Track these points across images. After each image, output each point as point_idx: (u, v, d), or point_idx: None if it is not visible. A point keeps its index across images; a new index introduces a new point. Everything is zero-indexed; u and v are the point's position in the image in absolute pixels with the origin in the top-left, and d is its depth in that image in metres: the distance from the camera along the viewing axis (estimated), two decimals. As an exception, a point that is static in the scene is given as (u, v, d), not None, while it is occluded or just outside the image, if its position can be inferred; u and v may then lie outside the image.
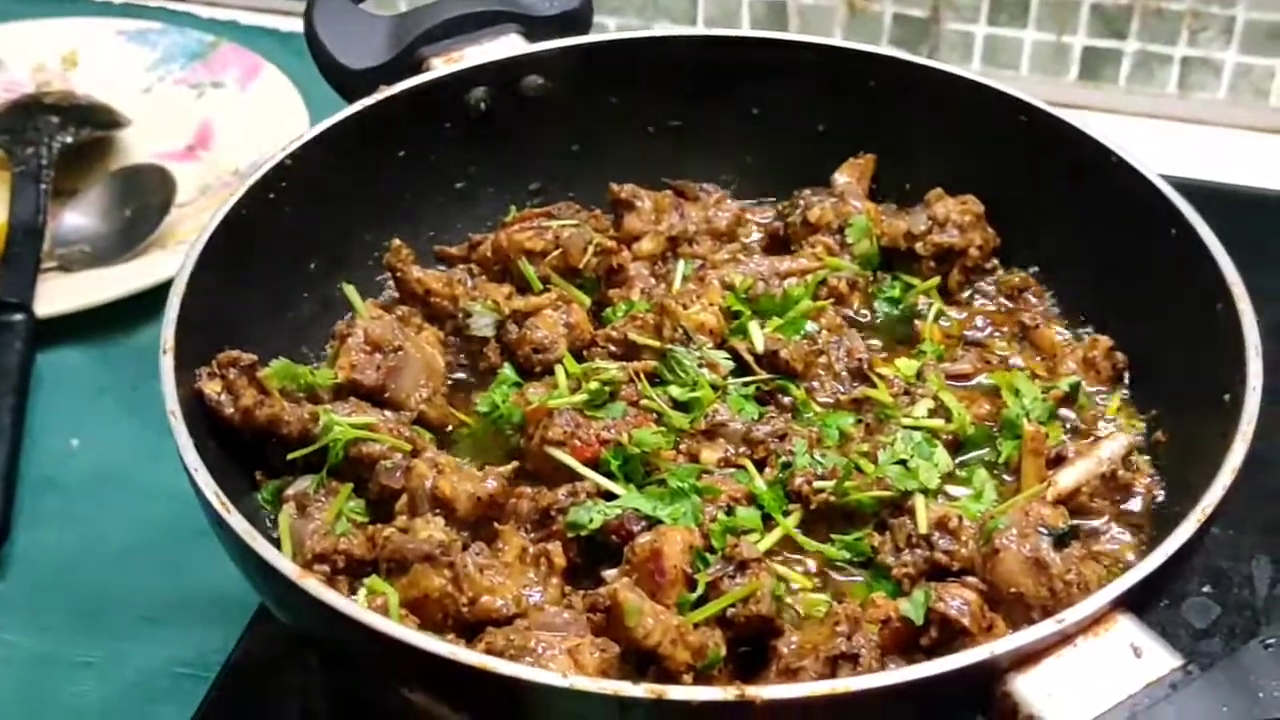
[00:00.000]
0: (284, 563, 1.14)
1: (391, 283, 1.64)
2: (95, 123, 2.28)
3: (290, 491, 1.39)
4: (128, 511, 1.74)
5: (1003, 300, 1.67)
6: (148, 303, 1.97)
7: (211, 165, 2.27)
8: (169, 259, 2.03)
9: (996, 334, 1.63)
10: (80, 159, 2.25)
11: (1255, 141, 2.43)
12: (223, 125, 2.35)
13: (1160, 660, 1.07)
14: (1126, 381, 1.54)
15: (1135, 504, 1.41)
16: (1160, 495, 1.41)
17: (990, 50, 2.46)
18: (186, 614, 1.62)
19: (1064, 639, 1.08)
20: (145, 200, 2.15)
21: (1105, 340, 1.55)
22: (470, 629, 1.24)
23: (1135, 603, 1.11)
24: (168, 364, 1.31)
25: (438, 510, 1.31)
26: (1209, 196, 1.49)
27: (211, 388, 1.37)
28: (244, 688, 1.51)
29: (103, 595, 1.65)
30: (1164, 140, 2.41)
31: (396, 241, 1.62)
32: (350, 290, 1.55)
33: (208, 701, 1.49)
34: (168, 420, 1.27)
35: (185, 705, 1.49)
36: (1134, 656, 1.08)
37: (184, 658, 1.57)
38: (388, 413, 1.44)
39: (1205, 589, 1.60)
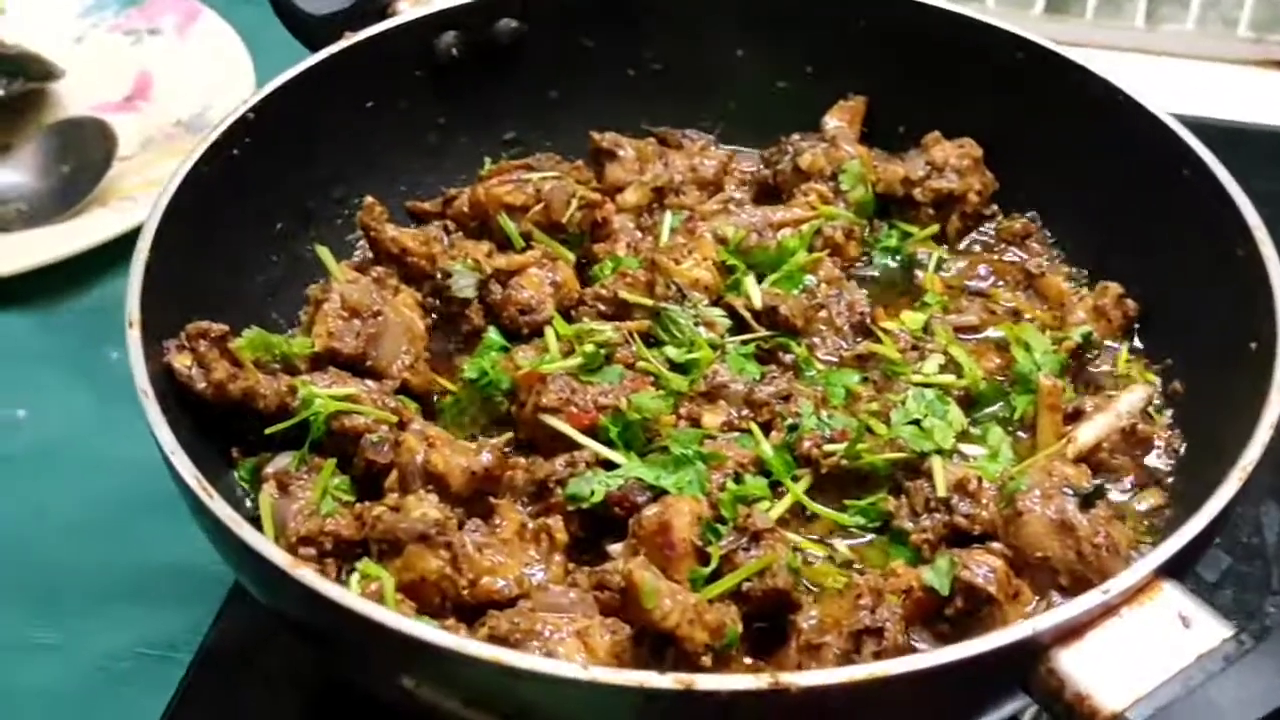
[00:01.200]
0: (273, 551, 1.10)
1: (363, 242, 1.61)
2: (27, 74, 2.20)
3: (270, 469, 1.36)
4: (79, 484, 1.70)
5: (1004, 247, 1.65)
6: (91, 263, 1.93)
7: (152, 116, 2.21)
8: (112, 216, 1.98)
9: (1000, 283, 1.61)
10: (11, 113, 2.18)
11: (1224, 73, 2.42)
12: (162, 74, 2.29)
13: (1211, 630, 1.04)
14: (1137, 331, 1.53)
15: (1155, 459, 1.39)
16: (1182, 449, 1.39)
17: (956, -18, 2.42)
18: (147, 592, 1.58)
19: (1108, 610, 1.06)
20: (84, 155, 2.08)
21: (1115, 287, 1.53)
22: (470, 612, 1.22)
23: (1178, 569, 1.09)
24: (134, 338, 1.26)
25: (430, 486, 1.29)
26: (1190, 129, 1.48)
27: (181, 361, 1.33)
28: (221, 672, 1.48)
29: (58, 573, 1.60)
30: (1132, 73, 2.37)
31: (370, 199, 1.59)
32: (324, 252, 1.52)
33: (182, 687, 1.46)
34: (136, 399, 1.22)
35: (155, 688, 1.46)
36: (1182, 626, 1.05)
37: (149, 638, 1.54)
38: (369, 382, 1.42)
39: (1214, 539, 1.56)
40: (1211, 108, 2.21)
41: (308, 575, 1.07)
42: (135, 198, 2.02)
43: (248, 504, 1.35)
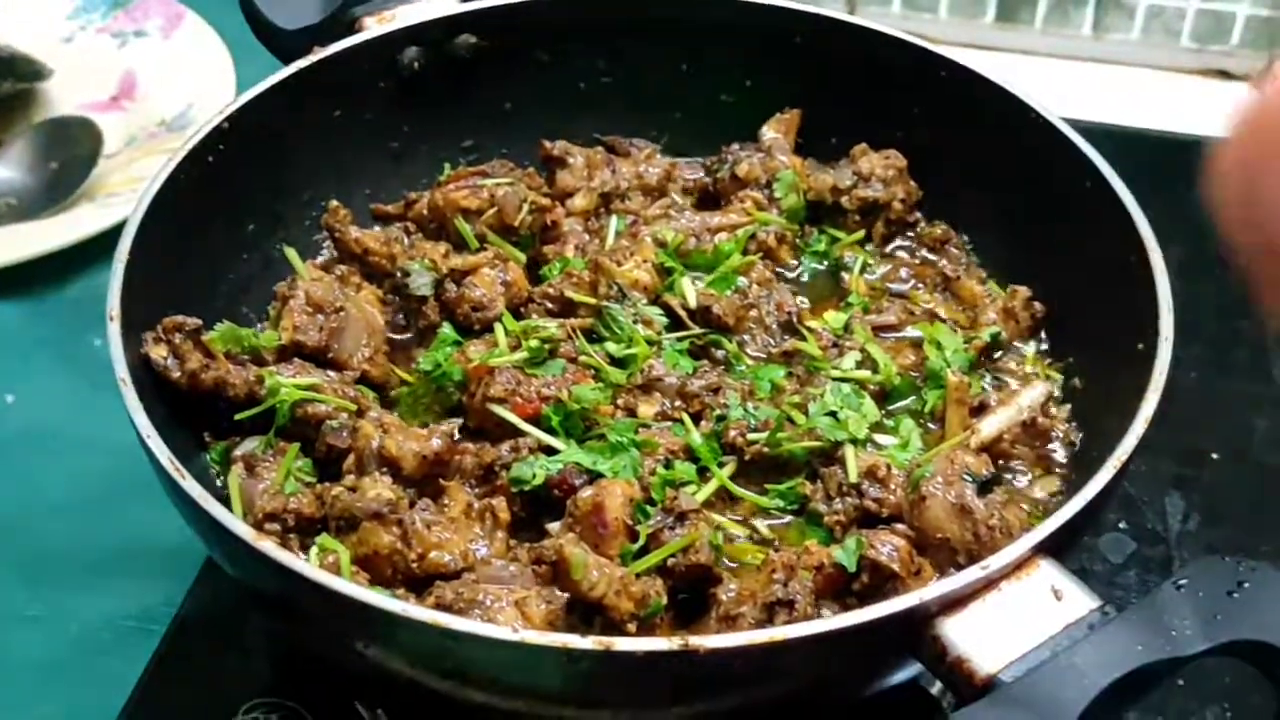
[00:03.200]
0: (239, 525, 1.15)
1: (329, 243, 1.65)
2: (16, 74, 2.24)
3: (238, 452, 1.40)
4: (66, 465, 1.74)
5: (925, 252, 1.71)
6: (77, 256, 1.97)
7: (136, 116, 2.25)
8: (98, 212, 2.03)
9: (919, 285, 1.66)
10: (1, 111, 2.23)
11: (1167, 81, 2.48)
12: (147, 75, 2.33)
13: (1079, 602, 1.11)
14: (1043, 331, 1.59)
15: (1054, 450, 1.46)
16: (1078, 440, 1.46)
17: (909, -8, 2.48)
18: (129, 567, 1.62)
19: (989, 584, 1.12)
20: (72, 152, 2.13)
21: (1024, 290, 1.58)
22: (419, 583, 1.26)
23: (1056, 547, 1.15)
24: (114, 331, 1.31)
25: (384, 469, 1.33)
26: (1122, 140, 1.53)
27: (158, 352, 1.37)
28: (193, 642, 1.52)
29: (43, 550, 1.65)
30: (1079, 81, 2.45)
31: (334, 202, 1.63)
32: (291, 253, 1.56)
33: (157, 656, 1.51)
34: (117, 386, 1.27)
35: (132, 659, 1.50)
36: (1054, 599, 1.11)
37: (129, 611, 1.58)
38: (331, 373, 1.46)
39: (1121, 525, 1.65)
40: (1154, 116, 2.29)
41: (269, 547, 1.12)
42: (119, 194, 2.06)
43: (218, 483, 1.39)
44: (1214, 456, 1.75)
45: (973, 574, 1.12)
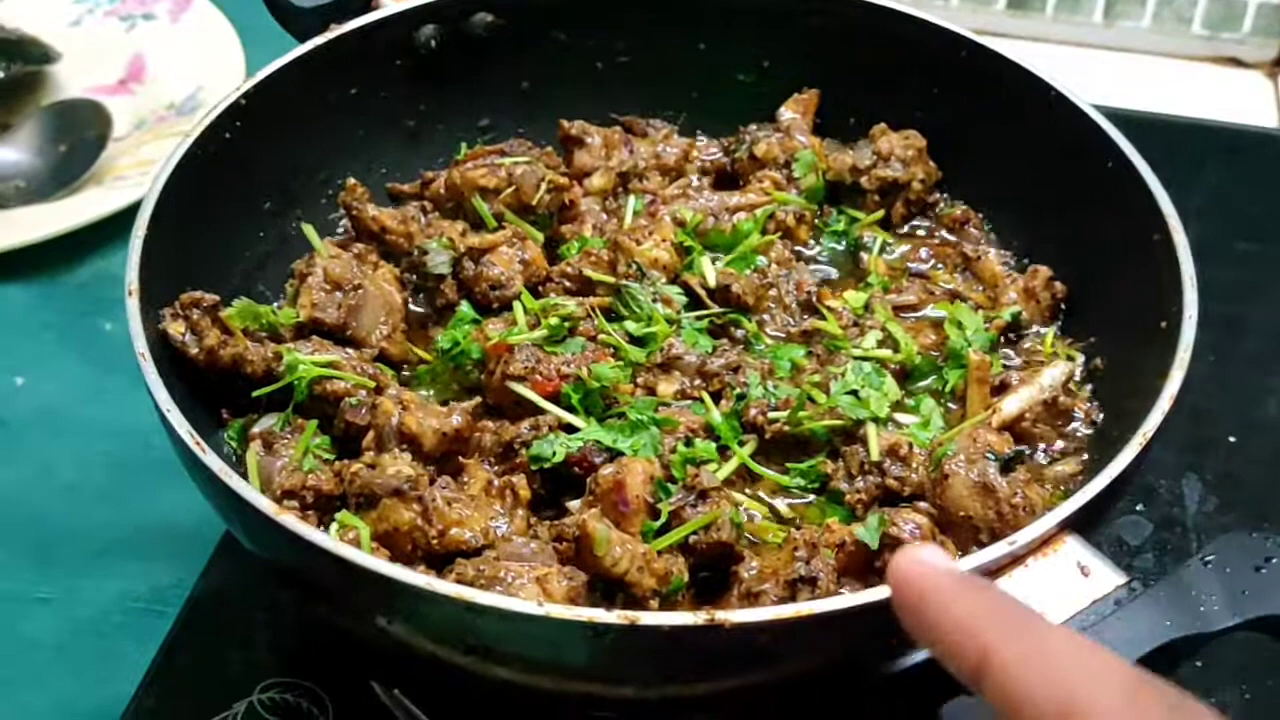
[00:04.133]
0: (261, 500, 1.15)
1: (346, 221, 1.64)
2: (26, 57, 2.25)
3: (256, 429, 1.40)
4: (75, 448, 1.74)
5: (944, 233, 1.70)
6: (86, 238, 1.97)
7: (145, 99, 2.26)
8: (106, 195, 2.03)
9: (939, 265, 1.66)
10: (10, 94, 2.23)
11: (1178, 69, 2.48)
12: (155, 58, 2.33)
13: (1106, 578, 1.11)
14: (1064, 311, 1.58)
15: (1076, 429, 1.45)
16: (1099, 420, 1.45)
17: (921, -19, 2.47)
18: (138, 549, 1.62)
19: (1015, 560, 1.12)
20: (80, 135, 2.13)
21: (1045, 270, 1.58)
22: (440, 560, 1.26)
23: (1081, 524, 1.15)
24: (133, 306, 1.31)
25: (404, 446, 1.33)
26: (1133, 126, 1.52)
27: (176, 328, 1.37)
28: (207, 623, 1.52)
29: (54, 532, 1.65)
30: (1090, 68, 2.45)
31: (351, 180, 1.63)
32: (309, 229, 1.55)
33: (170, 636, 1.50)
34: (137, 361, 1.26)
35: (144, 640, 1.50)
36: (1081, 575, 1.11)
37: (139, 592, 1.58)
38: (349, 350, 1.45)
39: (1138, 507, 1.65)
40: (1164, 102, 2.28)
41: (291, 521, 1.11)
42: (128, 177, 2.06)
43: (235, 461, 1.38)
44: (1230, 440, 1.75)
45: (999, 549, 1.12)
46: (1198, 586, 1.10)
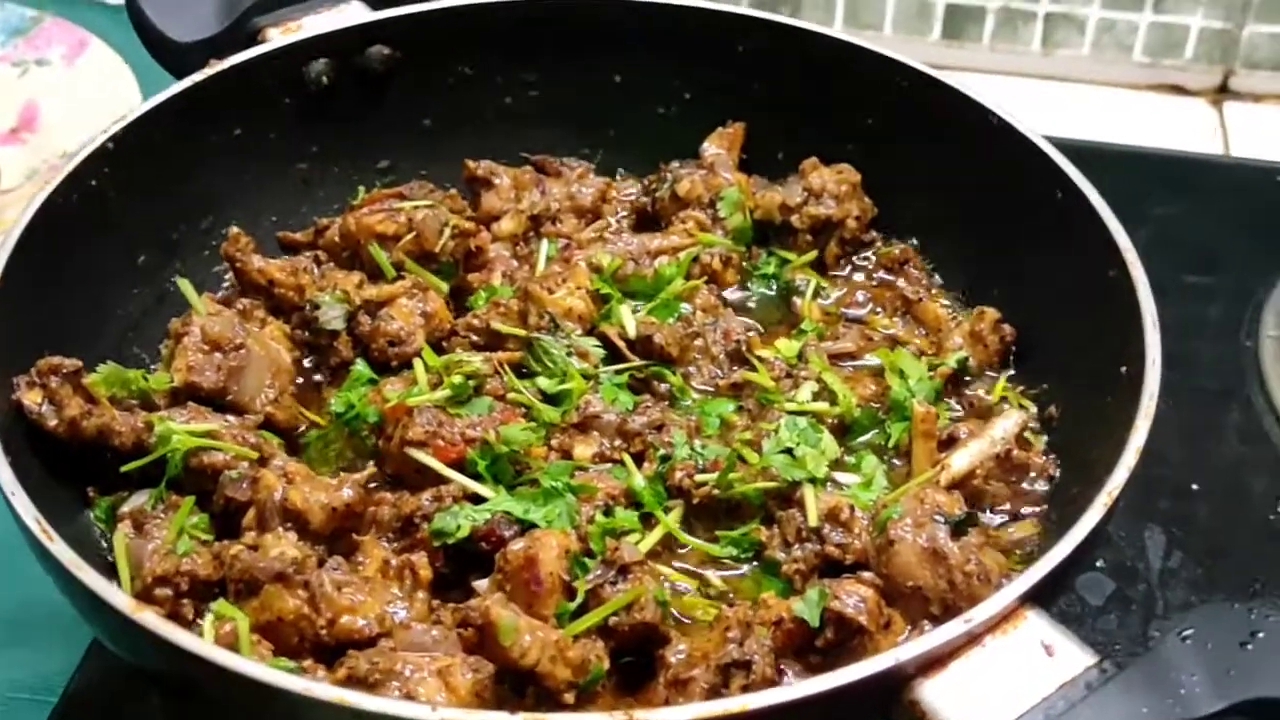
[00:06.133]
0: (116, 595, 1.08)
1: (230, 274, 1.59)
2: (-90, 105, 2.17)
3: (126, 508, 1.34)
4: None
5: (882, 274, 1.66)
6: None
7: (38, 149, 2.19)
8: None
9: (878, 309, 1.62)
10: (-109, 145, 2.15)
11: (1119, 97, 2.45)
12: (49, 105, 2.26)
13: (1074, 658, 1.05)
14: (1014, 356, 1.54)
15: (1031, 484, 1.39)
16: (1057, 474, 1.40)
17: (852, 10, 2.44)
18: (19, 633, 1.55)
19: (971, 639, 1.06)
20: (-36, 188, 2.06)
21: (992, 312, 1.54)
22: (330, 653, 1.20)
23: (1043, 596, 1.09)
24: None
25: (289, 524, 1.27)
26: (1079, 154, 1.49)
27: (32, 398, 1.31)
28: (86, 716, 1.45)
29: None
30: (1030, 98, 2.42)
31: (234, 229, 1.58)
32: (185, 285, 1.49)
33: None
34: None
35: None
36: (1046, 655, 1.06)
37: (20, 681, 1.51)
38: (230, 417, 1.40)
39: (1099, 563, 1.58)
40: (1106, 132, 2.27)
41: (150, 619, 1.05)
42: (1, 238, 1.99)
43: (103, 544, 1.31)
44: (1194, 488, 1.69)
45: (954, 628, 1.06)
46: (1177, 666, 1.03)
